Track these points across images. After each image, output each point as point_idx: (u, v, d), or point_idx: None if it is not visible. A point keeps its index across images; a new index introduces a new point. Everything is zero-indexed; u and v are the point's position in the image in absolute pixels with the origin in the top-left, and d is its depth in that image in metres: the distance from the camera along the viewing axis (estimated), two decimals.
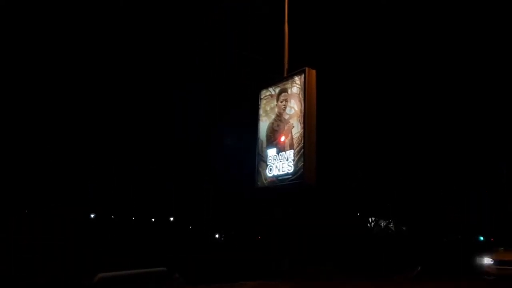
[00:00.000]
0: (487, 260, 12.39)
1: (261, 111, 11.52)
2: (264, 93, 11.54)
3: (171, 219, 22.47)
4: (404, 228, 25.92)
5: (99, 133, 19.35)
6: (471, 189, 24.03)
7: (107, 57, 19.58)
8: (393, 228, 26.22)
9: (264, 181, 10.93)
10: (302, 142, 10.01)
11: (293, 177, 10.09)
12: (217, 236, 21.54)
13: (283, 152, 10.46)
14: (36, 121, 17.86)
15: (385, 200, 23.91)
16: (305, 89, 10.21)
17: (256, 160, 11.27)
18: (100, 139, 19.36)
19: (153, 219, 22.12)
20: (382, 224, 25.59)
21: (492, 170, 23.41)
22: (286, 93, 10.83)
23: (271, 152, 10.84)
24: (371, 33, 21.39)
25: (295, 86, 10.53)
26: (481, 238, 23.79)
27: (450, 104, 22.00)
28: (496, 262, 12.03)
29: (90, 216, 18.28)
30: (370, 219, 24.60)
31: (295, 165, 10.07)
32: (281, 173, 10.42)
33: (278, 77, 11.48)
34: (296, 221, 15.36)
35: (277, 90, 11.12)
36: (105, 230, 16.62)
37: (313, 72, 10.36)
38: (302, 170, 9.86)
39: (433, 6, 21.27)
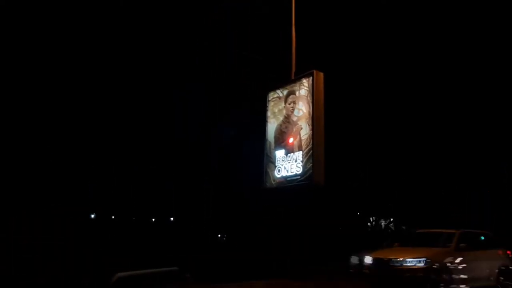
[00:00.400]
0: (367, 259, 10.14)
1: (269, 113, 11.61)
2: (272, 95, 11.61)
3: (171, 219, 22.43)
4: (404, 227, 26.00)
5: (99, 133, 19.30)
6: (472, 189, 24.05)
7: (107, 57, 19.55)
8: (393, 228, 26.30)
9: (272, 182, 11.06)
10: (311, 143, 10.17)
11: (302, 178, 10.23)
12: (219, 236, 21.51)
13: (292, 154, 10.58)
14: (36, 121, 17.81)
15: (386, 200, 23.93)
16: (313, 91, 10.35)
17: (264, 161, 11.40)
18: (100, 139, 19.31)
19: (153, 219, 22.08)
20: (382, 223, 25.66)
21: (494, 170, 23.42)
22: (294, 95, 10.94)
23: (280, 153, 10.96)
24: (372, 35, 21.42)
25: (303, 89, 10.61)
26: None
27: (451, 105, 22.02)
28: (375, 261, 9.89)
29: (90, 216, 18.23)
30: (371, 218, 24.64)
31: (304, 166, 10.19)
32: (289, 174, 10.57)
33: (286, 79, 11.54)
34: (297, 221, 15.35)
35: (285, 92, 11.21)
36: (105, 230, 16.58)
37: (321, 74, 10.49)
38: (311, 171, 10.05)
39: (434, 8, 21.30)
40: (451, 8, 21.27)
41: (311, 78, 10.40)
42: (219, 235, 21.92)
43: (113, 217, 19.82)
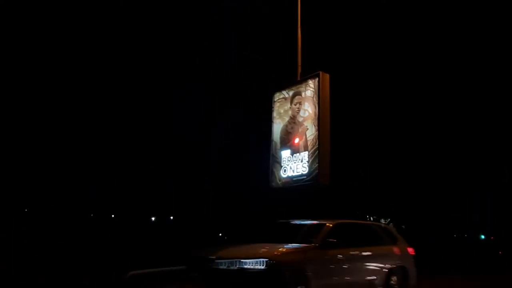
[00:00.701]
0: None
1: (274, 114, 11.80)
2: (278, 96, 11.81)
3: (171, 218, 22.39)
4: (403, 227, 26.09)
5: (99, 133, 19.29)
6: (473, 189, 24.13)
7: (107, 57, 19.54)
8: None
9: (278, 181, 11.25)
10: (317, 144, 10.35)
11: (308, 178, 10.42)
12: (220, 234, 21.52)
13: (298, 154, 10.76)
14: (36, 121, 17.80)
15: (386, 200, 23.96)
16: (319, 92, 10.54)
17: (270, 161, 11.60)
18: (100, 139, 19.30)
19: (153, 218, 22.03)
20: (382, 223, 25.69)
21: (494, 170, 23.50)
22: (300, 96, 11.10)
23: (285, 153, 11.15)
24: (370, 35, 21.46)
25: (309, 90, 10.80)
26: (482, 236, 23.92)
27: (452, 105, 22.07)
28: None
29: (90, 216, 18.20)
30: (371, 218, 24.65)
31: (310, 167, 10.36)
32: (295, 174, 10.75)
33: (291, 80, 11.73)
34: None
35: (291, 93, 11.40)
36: (105, 229, 16.55)
37: (327, 76, 10.69)
38: (317, 171, 10.20)
39: (435, 8, 21.34)
40: (451, 8, 21.30)
41: (317, 79, 10.59)
42: (220, 234, 21.92)
43: (112, 216, 19.80)
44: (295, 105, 11.13)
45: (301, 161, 10.50)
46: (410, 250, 9.52)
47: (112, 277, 10.35)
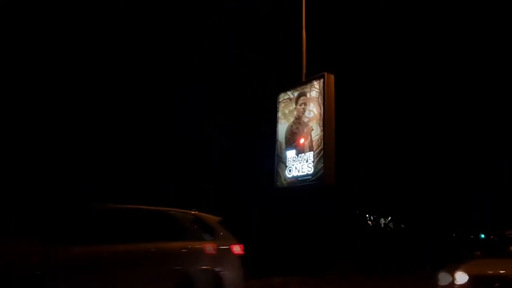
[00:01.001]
0: None
1: (279, 114, 11.93)
2: (283, 97, 11.95)
3: None
4: (402, 226, 26.13)
5: (98, 133, 19.25)
6: (473, 189, 24.18)
7: (106, 57, 19.51)
8: (392, 226, 26.41)
9: (283, 181, 11.35)
10: (322, 144, 10.44)
11: (313, 178, 10.55)
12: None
13: (303, 154, 10.89)
14: (36, 121, 17.77)
15: (386, 200, 23.98)
16: (324, 93, 10.65)
17: (275, 161, 11.71)
18: (99, 139, 19.26)
19: None
20: (382, 222, 25.73)
21: (494, 170, 23.53)
22: (305, 97, 11.20)
23: (290, 153, 11.26)
24: (371, 36, 21.48)
25: (314, 90, 10.94)
26: (482, 235, 23.98)
27: (452, 105, 22.09)
28: None
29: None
30: (371, 217, 24.68)
31: (315, 167, 10.47)
32: (300, 174, 10.86)
33: (296, 81, 11.88)
34: (299, 220, 15.38)
35: (296, 94, 11.53)
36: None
37: (332, 77, 10.82)
38: (322, 171, 10.30)
39: (436, 9, 21.37)
40: (452, 9, 21.32)
41: (322, 80, 10.70)
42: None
43: None
44: (300, 105, 11.22)
45: (306, 161, 10.59)
46: (236, 249, 6.97)
47: None
